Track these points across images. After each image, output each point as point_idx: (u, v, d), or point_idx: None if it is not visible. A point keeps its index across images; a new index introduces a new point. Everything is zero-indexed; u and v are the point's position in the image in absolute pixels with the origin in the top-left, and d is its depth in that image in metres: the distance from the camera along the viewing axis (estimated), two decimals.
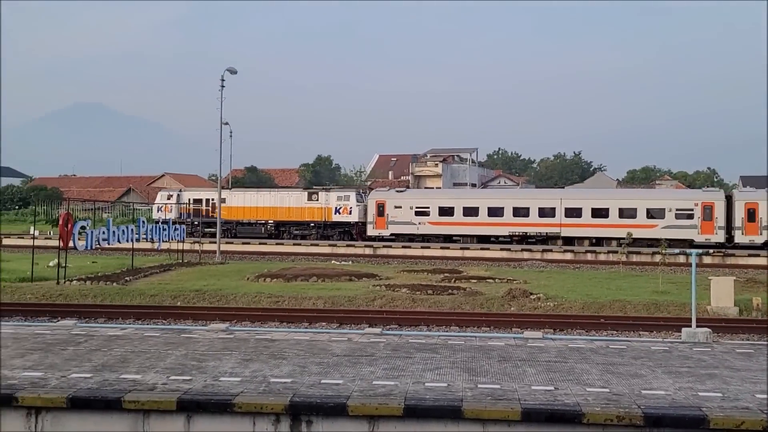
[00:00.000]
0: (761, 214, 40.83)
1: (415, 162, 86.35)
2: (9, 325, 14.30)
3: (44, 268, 26.34)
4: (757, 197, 41.90)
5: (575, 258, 39.31)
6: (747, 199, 41.97)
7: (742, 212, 41.43)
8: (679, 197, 44.98)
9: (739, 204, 41.71)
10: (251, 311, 18.89)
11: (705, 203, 42.00)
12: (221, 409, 8.14)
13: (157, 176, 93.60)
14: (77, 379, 8.97)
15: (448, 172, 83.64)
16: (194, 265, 32.00)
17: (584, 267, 33.78)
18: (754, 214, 40.99)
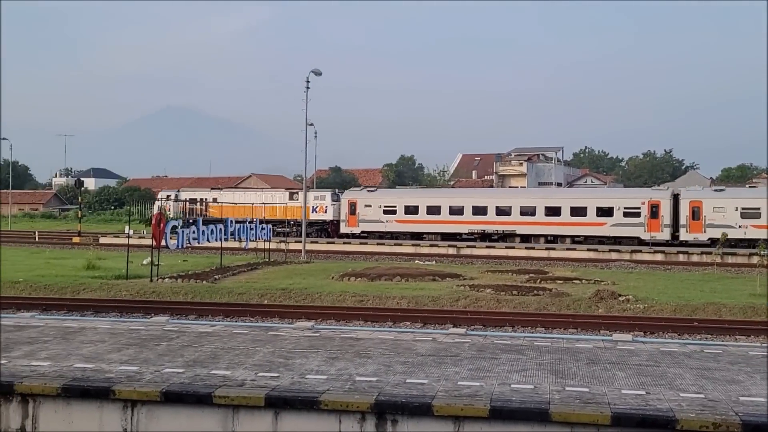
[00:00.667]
0: (705, 212, 42.26)
1: (499, 161, 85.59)
2: (106, 320, 14.87)
3: (138, 267, 27.33)
4: (701, 196, 43.67)
5: (666, 259, 38.19)
6: (692, 197, 43.35)
7: (687, 210, 42.85)
8: (627, 196, 46.91)
9: (684, 202, 43.07)
10: (336, 310, 19.09)
11: (652, 202, 43.64)
12: (308, 407, 8.24)
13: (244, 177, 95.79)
14: (170, 374, 9.24)
15: (532, 172, 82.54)
16: (280, 264, 32.59)
17: (676, 268, 32.74)
18: (698, 212, 42.51)
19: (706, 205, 42.43)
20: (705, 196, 43.43)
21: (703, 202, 42.63)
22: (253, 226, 33.73)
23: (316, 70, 36.52)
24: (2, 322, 13.36)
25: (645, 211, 43.40)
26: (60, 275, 25.69)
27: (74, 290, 22.76)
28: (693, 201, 42.90)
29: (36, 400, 8.66)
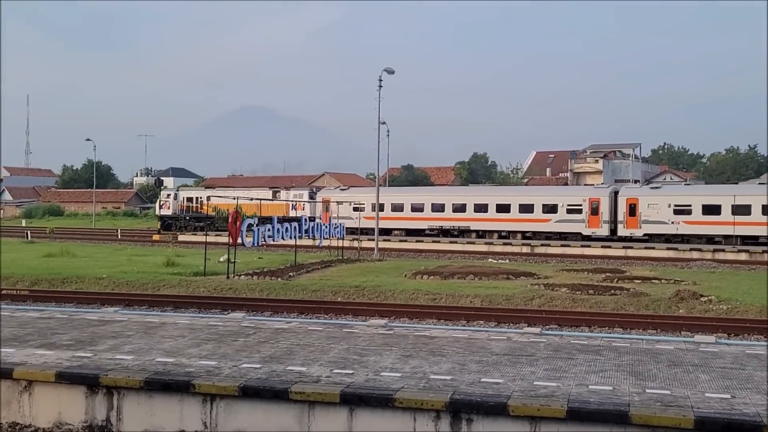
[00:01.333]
0: (641, 209, 44.13)
1: (574, 158, 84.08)
2: (185, 316, 15.25)
3: (215, 264, 27.93)
4: (638, 193, 45.60)
5: (751, 258, 36.85)
6: (629, 195, 45.38)
7: (624, 207, 44.80)
8: (570, 194, 49.19)
9: (621, 199, 45.06)
10: (409, 308, 19.09)
11: (592, 199, 45.84)
12: (382, 404, 8.26)
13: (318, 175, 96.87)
14: (248, 369, 9.40)
15: (609, 169, 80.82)
16: (353, 261, 32.80)
17: (761, 268, 31.53)
18: (634, 208, 44.39)
19: (641, 202, 44.35)
20: (641, 194, 45.29)
21: (639, 199, 44.52)
22: (326, 224, 34.06)
23: (389, 69, 36.59)
24: (86, 317, 13.86)
25: (586, 208, 45.56)
26: (141, 272, 26.48)
27: (155, 286, 23.42)
28: (630, 198, 44.86)
29: (120, 392, 8.93)
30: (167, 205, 61.14)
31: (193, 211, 59.88)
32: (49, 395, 9.13)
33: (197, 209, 59.70)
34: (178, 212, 60.52)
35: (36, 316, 13.79)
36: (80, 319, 13.55)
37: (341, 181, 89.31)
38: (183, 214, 60.17)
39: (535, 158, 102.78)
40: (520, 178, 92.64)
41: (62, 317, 13.76)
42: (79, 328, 12.46)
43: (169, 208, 60.94)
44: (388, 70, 36.61)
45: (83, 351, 10.40)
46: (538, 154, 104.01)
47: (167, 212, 60.79)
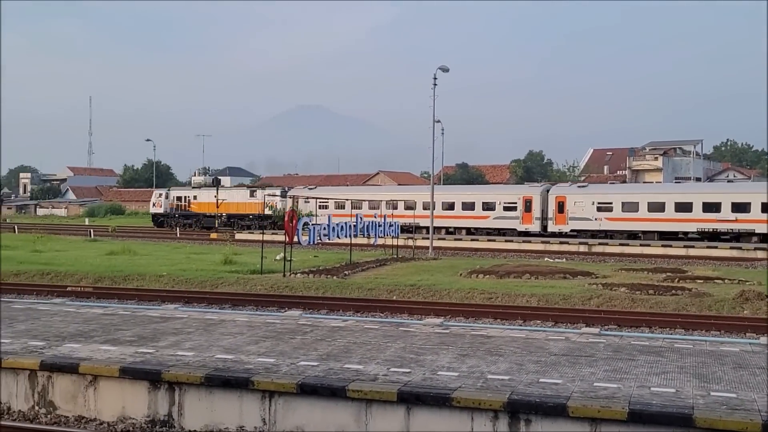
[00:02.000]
0: (568, 206, 47.04)
1: (633, 156, 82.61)
2: (243, 313, 15.46)
3: (272, 262, 28.21)
4: (566, 192, 48.54)
5: None
6: (558, 193, 48.30)
7: (553, 205, 47.76)
8: (507, 192, 52.23)
9: (551, 197, 48.08)
10: (465, 307, 18.98)
11: (525, 197, 48.87)
12: (440, 403, 8.24)
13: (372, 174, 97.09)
14: (305, 367, 9.48)
15: (669, 166, 79.16)
16: (408, 260, 32.78)
17: None
18: (563, 206, 47.25)
19: (569, 200, 47.30)
20: (569, 192, 48.45)
21: (567, 197, 47.55)
22: (381, 222, 34.15)
23: (444, 67, 36.45)
24: (148, 314, 14.16)
25: (520, 206, 48.55)
26: (200, 269, 26.91)
27: (213, 284, 23.77)
28: (558, 196, 47.82)
29: (181, 388, 9.10)
30: (159, 204, 65.38)
31: (181, 209, 64.09)
32: (114, 390, 9.36)
33: (185, 208, 63.93)
34: (168, 210, 64.71)
35: (100, 313, 14.15)
36: (142, 315, 13.86)
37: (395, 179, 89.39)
38: (173, 212, 64.45)
39: (593, 156, 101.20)
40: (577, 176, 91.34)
41: (125, 314, 14.09)
42: (142, 324, 12.74)
43: (161, 206, 65.15)
44: (442, 68, 36.47)
45: (146, 347, 10.62)
46: (596, 151, 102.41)
47: (159, 210, 65.30)
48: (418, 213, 48.31)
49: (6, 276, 25.50)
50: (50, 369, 9.60)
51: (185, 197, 64.46)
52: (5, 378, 9.78)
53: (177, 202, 64.58)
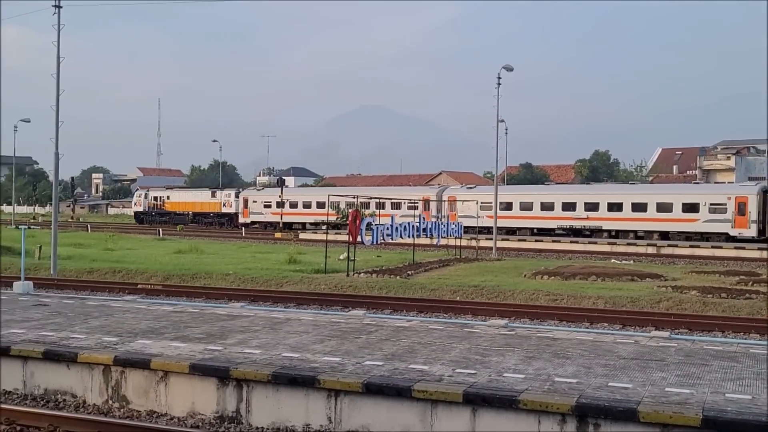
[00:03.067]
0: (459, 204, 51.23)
1: (704, 155, 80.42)
2: (308, 312, 15.62)
3: (335, 261, 28.43)
4: (456, 192, 55.14)
5: None
6: (450, 194, 54.76)
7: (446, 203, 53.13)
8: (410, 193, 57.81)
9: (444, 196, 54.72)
10: (529, 308, 18.78)
11: (425, 198, 53.17)
12: (506, 405, 8.15)
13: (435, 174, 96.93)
14: (371, 366, 9.50)
15: (742, 166, 76.78)
16: (471, 261, 32.61)
17: None
18: (454, 205, 51.79)
19: (459, 200, 51.44)
20: (458, 193, 54.39)
21: (457, 197, 52.48)
22: (444, 223, 34.04)
23: (508, 66, 36.10)
24: (215, 311, 14.42)
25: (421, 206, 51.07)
26: (265, 268, 27.30)
27: (278, 283, 24.07)
28: (450, 196, 53.07)
29: (249, 385, 9.23)
30: (139, 203, 73.18)
31: (157, 208, 71.68)
32: (184, 386, 9.55)
33: (161, 206, 71.46)
34: (147, 209, 72.31)
35: (170, 310, 14.47)
36: (210, 313, 14.12)
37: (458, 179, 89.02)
38: (151, 211, 72.02)
39: (661, 155, 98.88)
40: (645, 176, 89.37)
41: (194, 311, 14.38)
42: (210, 322, 12.98)
43: (141, 205, 72.89)
44: (506, 68, 36.12)
45: (214, 344, 10.82)
46: (664, 150, 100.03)
47: (139, 209, 73.04)
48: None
49: (80, 273, 26.34)
50: (123, 364, 9.86)
51: (160, 197, 72.21)
52: (81, 372, 10.09)
53: (154, 201, 72.31)
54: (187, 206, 69.56)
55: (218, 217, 67.09)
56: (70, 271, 26.48)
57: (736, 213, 44.56)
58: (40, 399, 10.12)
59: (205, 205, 68.14)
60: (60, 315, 13.54)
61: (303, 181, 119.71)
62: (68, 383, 10.16)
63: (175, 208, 70.52)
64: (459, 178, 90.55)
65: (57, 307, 14.69)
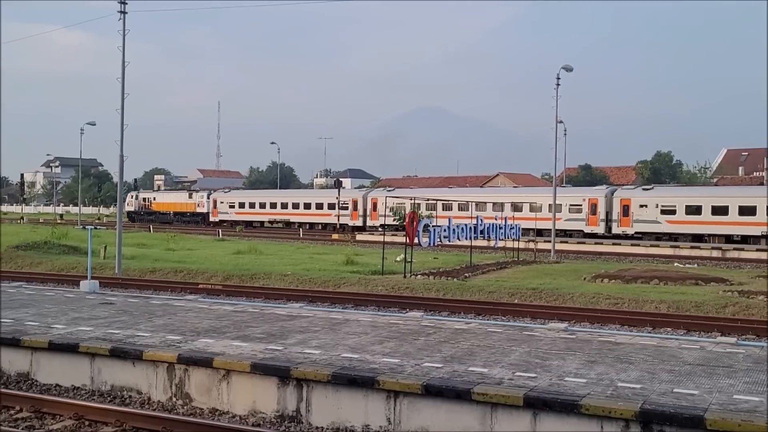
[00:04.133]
0: (379, 205, 57.88)
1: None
2: (366, 313, 15.68)
3: (392, 263, 28.48)
4: (376, 194, 61.91)
5: None
6: (372, 195, 62.46)
7: (369, 204, 61.51)
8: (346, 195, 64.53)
9: (368, 198, 62.27)
10: (590, 312, 18.49)
11: (354, 199, 63.03)
12: (568, 410, 8.05)
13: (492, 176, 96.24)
14: (429, 368, 9.49)
15: None
16: (529, 263, 32.30)
17: None
18: (375, 204, 60.01)
19: (379, 201, 58.41)
20: (379, 195, 60.59)
21: (379, 198, 59.42)
22: (502, 225, 33.80)
23: (567, 66, 35.64)
24: (275, 312, 14.59)
25: (351, 207, 62.21)
26: (322, 269, 27.50)
27: (335, 284, 24.23)
28: (373, 197, 61.59)
29: (309, 385, 9.31)
30: (131, 203, 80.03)
31: (145, 208, 78.97)
32: (245, 385, 9.69)
33: (148, 207, 78.95)
34: (137, 209, 79.18)
35: (231, 310, 14.70)
36: (270, 313, 14.29)
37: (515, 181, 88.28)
38: (140, 210, 78.94)
39: (726, 156, 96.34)
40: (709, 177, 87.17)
41: (254, 311, 14.58)
42: (270, 322, 13.14)
43: (132, 205, 79.88)
44: (566, 68, 35.67)
45: (274, 344, 10.95)
46: (729, 151, 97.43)
47: (131, 208, 79.14)
48: (297, 211, 64.54)
49: (143, 273, 26.95)
50: (187, 362, 10.05)
51: (148, 198, 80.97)
52: (146, 369, 10.33)
53: (143, 202, 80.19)
54: (169, 206, 77.47)
55: (194, 216, 74.71)
56: (133, 271, 27.13)
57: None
58: (107, 395, 10.39)
59: (184, 205, 76.01)
60: (125, 313, 13.89)
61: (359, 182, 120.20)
62: (134, 380, 10.41)
63: (159, 208, 78.43)
64: (516, 180, 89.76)
65: (122, 305, 15.07)
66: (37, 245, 33.89)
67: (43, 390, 10.63)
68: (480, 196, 53.37)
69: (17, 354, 11.24)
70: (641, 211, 48.94)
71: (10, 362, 11.30)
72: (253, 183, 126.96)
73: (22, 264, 29.62)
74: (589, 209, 51.09)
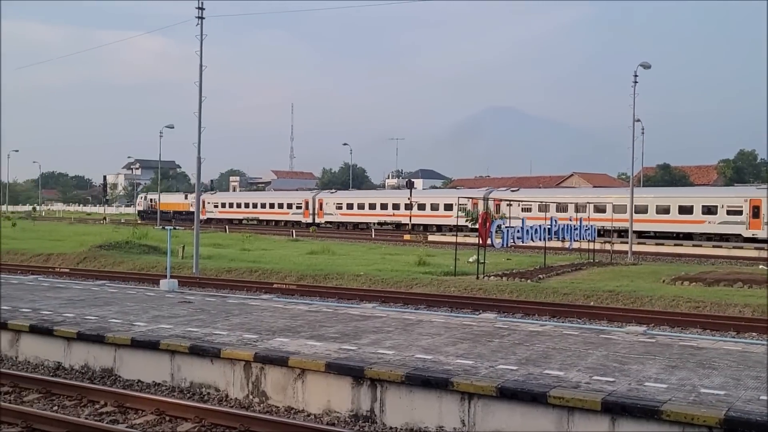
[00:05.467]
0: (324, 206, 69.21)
1: None
2: (439, 314, 15.64)
3: (464, 264, 28.31)
4: (323, 196, 71.56)
5: None
6: (320, 197, 71.20)
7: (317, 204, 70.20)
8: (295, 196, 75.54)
9: (316, 199, 70.77)
10: (669, 315, 18.00)
11: (306, 200, 71.67)
12: (648, 416, 7.84)
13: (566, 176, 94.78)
14: (504, 370, 9.39)
15: None
16: (605, 265, 31.65)
17: None
18: (321, 205, 69.50)
19: (325, 201, 69.48)
20: (325, 197, 70.90)
21: (324, 199, 69.85)
22: (577, 225, 33.21)
23: (645, 64, 34.78)
24: (348, 312, 14.68)
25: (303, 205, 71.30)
26: (395, 270, 27.54)
27: (407, 284, 24.23)
28: (319, 198, 70.62)
29: (383, 385, 9.33)
30: (141, 204, 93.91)
31: (152, 208, 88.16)
32: (319, 384, 9.78)
33: (153, 207, 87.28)
34: (145, 208, 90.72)
35: (305, 309, 14.87)
36: (344, 313, 14.40)
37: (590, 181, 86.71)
38: (149, 209, 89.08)
39: None
40: None
41: (327, 311, 14.71)
42: (344, 321, 13.23)
43: (142, 205, 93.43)
44: (644, 65, 34.82)
45: (348, 344, 11.02)
46: None
47: (141, 208, 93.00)
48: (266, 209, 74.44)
49: (219, 272, 27.53)
50: (263, 361, 10.21)
51: (153, 199, 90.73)
52: (223, 367, 10.54)
53: (150, 202, 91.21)
54: (170, 206, 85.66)
55: (189, 214, 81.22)
56: (210, 270, 27.73)
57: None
58: (186, 391, 10.64)
59: (180, 205, 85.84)
60: (203, 312, 14.20)
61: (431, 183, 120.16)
62: (212, 377, 10.63)
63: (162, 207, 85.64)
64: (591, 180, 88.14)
65: (200, 304, 15.42)
66: (119, 245, 35.01)
67: (126, 385, 10.96)
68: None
69: (101, 350, 11.63)
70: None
71: (95, 358, 11.70)
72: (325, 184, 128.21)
73: (105, 263, 30.65)
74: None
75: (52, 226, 67.01)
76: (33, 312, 13.75)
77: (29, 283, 19.43)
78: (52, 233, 50.85)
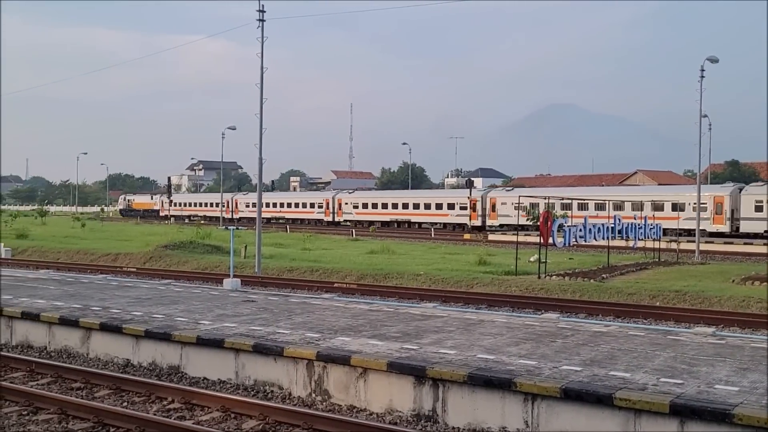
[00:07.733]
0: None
1: None
2: (500, 314, 15.51)
3: (526, 263, 28.02)
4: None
5: None
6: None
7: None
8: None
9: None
10: (739, 316, 17.48)
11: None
12: (718, 419, 7.63)
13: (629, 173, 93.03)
14: (568, 371, 9.26)
15: None
16: (671, 264, 30.92)
17: None
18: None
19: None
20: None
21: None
22: (641, 224, 32.53)
23: (713, 58, 33.85)
24: (409, 311, 14.68)
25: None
26: (455, 269, 27.43)
27: (468, 284, 24.10)
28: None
29: (445, 385, 9.30)
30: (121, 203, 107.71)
31: (129, 207, 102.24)
32: (381, 383, 9.81)
33: (130, 206, 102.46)
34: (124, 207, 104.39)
35: (366, 309, 14.93)
36: (404, 313, 14.41)
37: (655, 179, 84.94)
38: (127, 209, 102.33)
39: None
40: None
41: (388, 310, 14.74)
42: (405, 321, 13.24)
43: (122, 204, 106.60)
44: (711, 59, 33.87)
45: (410, 343, 11.02)
46: None
47: (121, 207, 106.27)
48: None
49: (281, 272, 27.84)
50: (325, 360, 10.29)
51: (130, 199, 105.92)
52: (286, 366, 10.66)
53: (128, 203, 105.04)
54: (140, 205, 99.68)
55: (153, 211, 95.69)
56: (272, 270, 28.07)
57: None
58: (251, 389, 10.80)
59: (148, 204, 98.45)
60: (266, 311, 14.39)
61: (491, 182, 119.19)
62: (275, 375, 10.76)
63: (136, 206, 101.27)
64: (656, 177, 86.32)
65: (263, 303, 15.63)
66: (183, 245, 35.73)
67: (192, 383, 11.18)
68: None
69: (168, 348, 11.89)
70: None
71: (162, 355, 11.97)
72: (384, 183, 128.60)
73: (170, 263, 31.32)
74: None
75: (119, 226, 68.87)
76: (103, 310, 14.15)
77: (99, 282, 20.00)
78: (119, 233, 52.27)
